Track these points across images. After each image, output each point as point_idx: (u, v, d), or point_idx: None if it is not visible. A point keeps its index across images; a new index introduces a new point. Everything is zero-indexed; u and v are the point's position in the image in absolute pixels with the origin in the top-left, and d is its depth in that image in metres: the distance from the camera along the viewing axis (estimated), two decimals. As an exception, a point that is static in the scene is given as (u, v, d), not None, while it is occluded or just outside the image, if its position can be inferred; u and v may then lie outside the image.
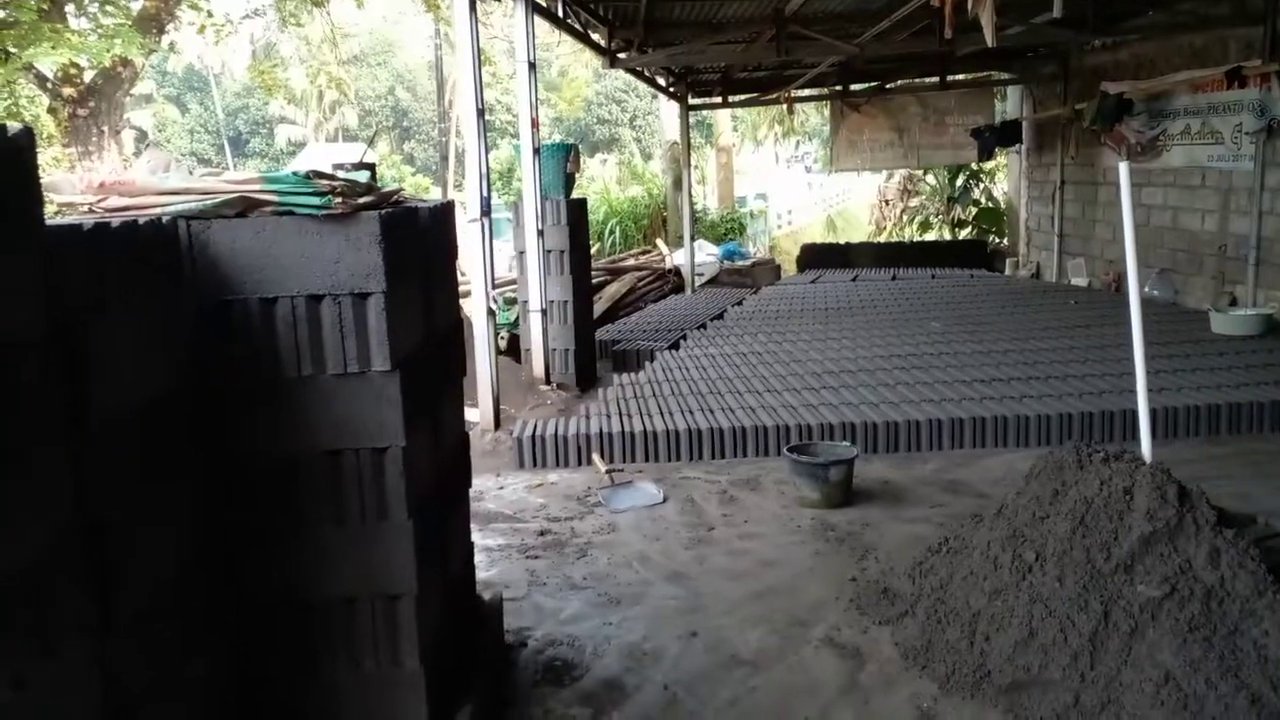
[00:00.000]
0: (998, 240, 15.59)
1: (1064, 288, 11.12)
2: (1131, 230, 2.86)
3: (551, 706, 2.75)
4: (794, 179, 30.53)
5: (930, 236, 17.71)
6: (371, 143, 6.14)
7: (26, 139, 1.49)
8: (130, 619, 1.69)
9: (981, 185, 17.52)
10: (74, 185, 2.06)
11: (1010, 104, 13.85)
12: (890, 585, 3.39)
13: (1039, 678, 2.66)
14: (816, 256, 15.25)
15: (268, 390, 2.05)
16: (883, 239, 18.80)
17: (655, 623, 3.28)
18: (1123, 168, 2.88)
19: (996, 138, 12.78)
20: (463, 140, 6.64)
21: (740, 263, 14.88)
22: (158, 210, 1.97)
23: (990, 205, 17.10)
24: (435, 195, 23.11)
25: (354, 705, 2.20)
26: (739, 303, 10.84)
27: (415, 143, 39.11)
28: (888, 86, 13.45)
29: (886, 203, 19.97)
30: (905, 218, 19.17)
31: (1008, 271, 13.33)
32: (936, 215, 17.98)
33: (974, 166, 16.15)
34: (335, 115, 36.04)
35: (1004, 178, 16.59)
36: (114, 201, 2.00)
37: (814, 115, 25.74)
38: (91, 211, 2.02)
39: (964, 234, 16.36)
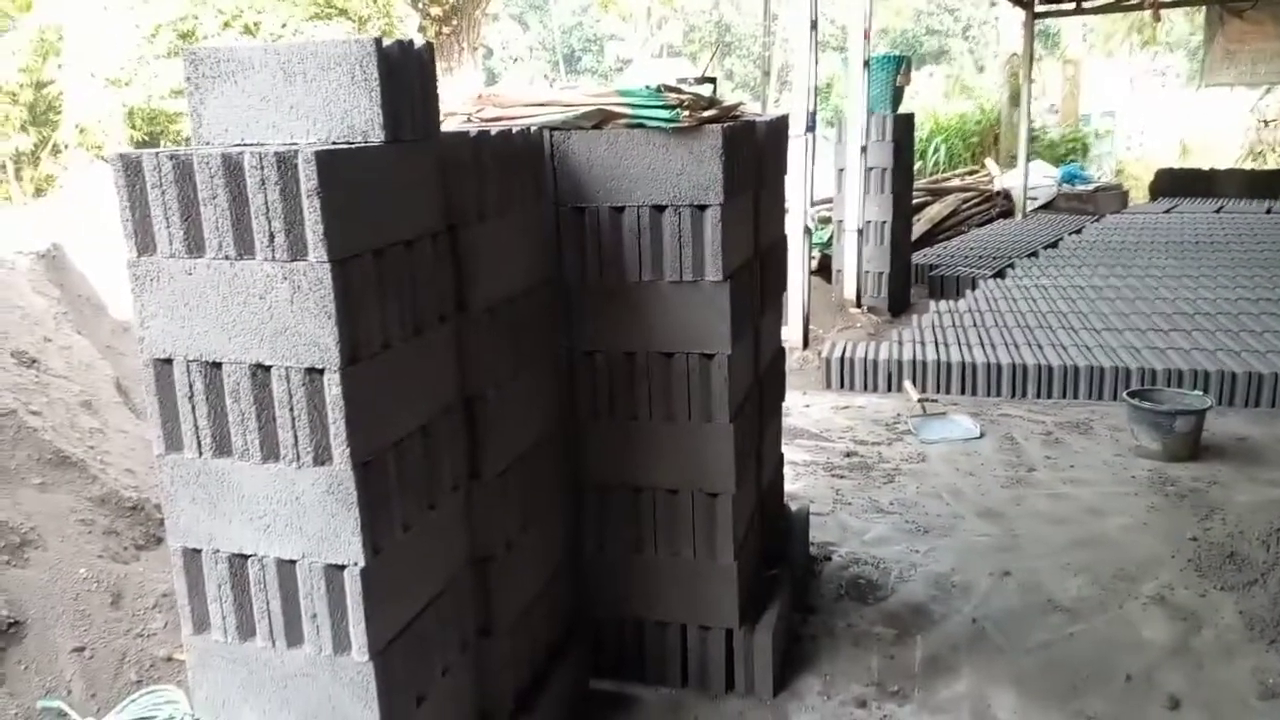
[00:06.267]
0: None
1: None
2: None
3: (854, 621, 2.78)
4: (1149, 96, 27.16)
5: (1318, 165, 15.14)
6: (712, 58, 6.24)
7: (429, 53, 1.68)
8: (493, 480, 1.91)
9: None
10: (456, 95, 2.29)
11: None
12: (1238, 550, 3.07)
13: None
14: (1173, 183, 13.58)
15: (613, 292, 2.20)
16: (1256, 165, 16.29)
17: (965, 556, 3.19)
18: None
19: None
20: (786, 54, 6.53)
21: (1081, 187, 13.51)
22: (526, 121, 2.14)
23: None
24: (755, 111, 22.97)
25: (671, 590, 2.37)
26: (1077, 231, 9.95)
27: (735, 58, 39.05)
28: (1283, -13, 11.51)
29: (1265, 124, 17.22)
30: (1288, 141, 16.49)
31: None
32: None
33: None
34: (661, 31, 36.74)
35: None
36: (490, 112, 2.20)
37: (1181, 23, 22.60)
38: (470, 120, 2.24)
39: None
